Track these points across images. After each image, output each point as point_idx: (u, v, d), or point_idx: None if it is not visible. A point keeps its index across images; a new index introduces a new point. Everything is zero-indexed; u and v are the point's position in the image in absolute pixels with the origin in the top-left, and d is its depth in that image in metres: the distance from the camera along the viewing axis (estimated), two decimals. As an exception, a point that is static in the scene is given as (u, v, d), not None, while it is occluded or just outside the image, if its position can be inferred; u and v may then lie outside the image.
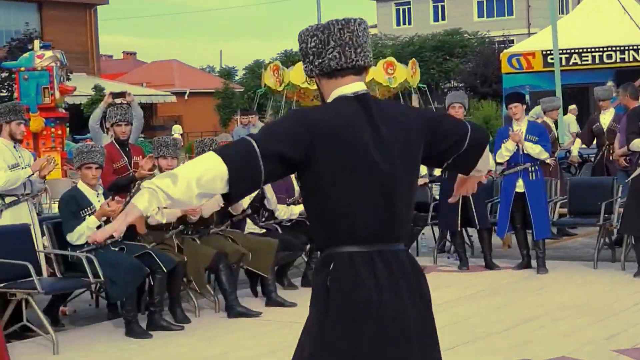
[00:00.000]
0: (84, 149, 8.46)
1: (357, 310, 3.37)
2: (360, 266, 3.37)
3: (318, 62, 3.46)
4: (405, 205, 3.44)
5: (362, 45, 3.45)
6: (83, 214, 8.20)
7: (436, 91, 45.46)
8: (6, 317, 7.84)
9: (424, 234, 12.33)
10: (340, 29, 3.43)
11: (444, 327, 7.88)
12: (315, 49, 3.45)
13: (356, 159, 3.34)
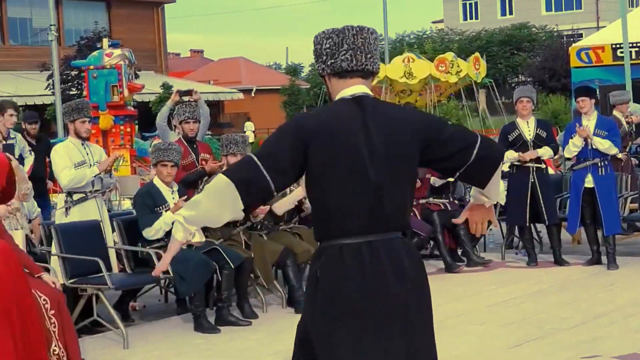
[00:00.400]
0: (161, 146, 8.54)
1: (339, 302, 3.58)
2: (348, 257, 3.59)
3: (330, 62, 3.70)
4: (395, 201, 3.63)
5: (372, 52, 3.70)
6: (159, 211, 8.30)
7: (504, 86, 45.08)
8: (77, 312, 7.94)
9: (491, 230, 12.24)
10: (355, 34, 3.68)
11: (512, 323, 7.87)
12: (330, 50, 3.70)
13: (345, 158, 3.58)
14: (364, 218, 3.59)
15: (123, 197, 16.98)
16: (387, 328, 3.61)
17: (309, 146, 3.58)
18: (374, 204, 3.59)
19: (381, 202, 3.60)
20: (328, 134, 3.59)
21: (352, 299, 3.58)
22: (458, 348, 7.13)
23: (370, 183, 3.58)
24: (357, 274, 3.59)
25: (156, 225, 8.23)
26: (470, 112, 27.98)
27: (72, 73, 32.58)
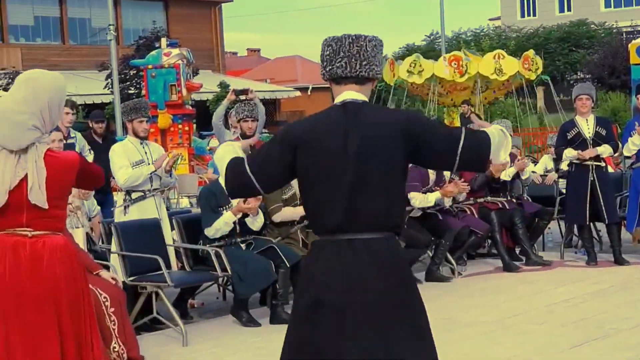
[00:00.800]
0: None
1: (308, 295, 3.78)
2: (326, 253, 3.78)
3: (329, 68, 3.90)
4: (375, 202, 3.76)
5: (369, 59, 3.86)
6: (221, 210, 8.35)
7: (562, 83, 44.62)
8: (137, 310, 8.03)
9: (550, 229, 12.13)
10: (350, 42, 3.87)
11: (571, 323, 7.79)
12: (329, 57, 3.90)
13: (324, 162, 3.78)
14: (341, 218, 3.75)
15: (181, 195, 17.14)
16: (351, 325, 3.70)
17: (296, 151, 3.83)
18: (350, 205, 3.75)
19: (357, 203, 3.75)
20: (311, 140, 3.82)
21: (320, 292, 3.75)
22: (517, 348, 7.08)
23: (346, 185, 3.74)
24: (329, 269, 3.75)
25: (215, 224, 8.28)
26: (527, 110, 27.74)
27: (130, 72, 32.89)
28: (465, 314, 8.44)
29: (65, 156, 4.61)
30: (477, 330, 7.74)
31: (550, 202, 11.62)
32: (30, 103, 4.45)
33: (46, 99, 4.46)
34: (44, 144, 4.52)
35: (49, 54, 38.02)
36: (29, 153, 4.44)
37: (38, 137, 4.47)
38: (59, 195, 4.54)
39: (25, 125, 4.43)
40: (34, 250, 4.45)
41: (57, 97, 4.53)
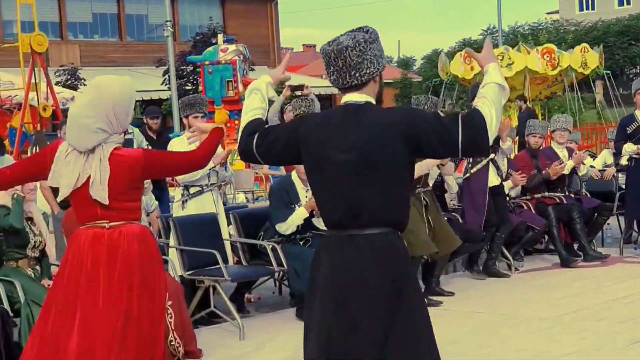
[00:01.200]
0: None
1: (316, 287, 3.93)
2: (329, 247, 3.91)
3: (330, 79, 4.03)
4: (373, 199, 3.85)
5: (357, 67, 3.90)
6: (293, 207, 8.37)
7: (621, 77, 44.04)
8: (194, 304, 8.09)
9: (609, 224, 12.00)
10: (335, 57, 3.92)
11: (630, 319, 7.71)
12: (325, 68, 4.01)
13: (325, 162, 3.92)
14: (342, 214, 3.88)
15: (237, 190, 17.23)
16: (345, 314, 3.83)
17: (300, 148, 4.01)
18: (350, 203, 3.87)
19: (358, 201, 3.86)
20: (314, 141, 3.96)
21: (321, 284, 3.91)
22: (575, 344, 7.02)
23: (346, 184, 3.87)
24: (331, 262, 3.89)
25: (290, 220, 8.28)
26: (586, 104, 27.47)
27: (187, 68, 33.10)
28: (522, 310, 8.39)
29: (129, 154, 4.82)
30: (535, 326, 7.69)
31: (609, 198, 11.48)
32: (95, 107, 4.73)
33: (111, 104, 4.74)
34: (112, 143, 4.76)
35: (107, 51, 38.44)
36: (96, 152, 4.74)
37: (104, 138, 4.74)
38: (126, 190, 4.79)
39: (91, 128, 4.72)
40: (111, 240, 4.75)
41: (122, 102, 4.79)
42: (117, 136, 4.83)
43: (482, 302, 8.78)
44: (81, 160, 4.77)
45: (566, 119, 11.34)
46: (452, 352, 6.97)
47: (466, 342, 7.26)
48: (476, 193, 9.74)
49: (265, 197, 17.52)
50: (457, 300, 8.94)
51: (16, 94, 18.94)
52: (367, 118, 3.90)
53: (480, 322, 7.95)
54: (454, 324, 7.92)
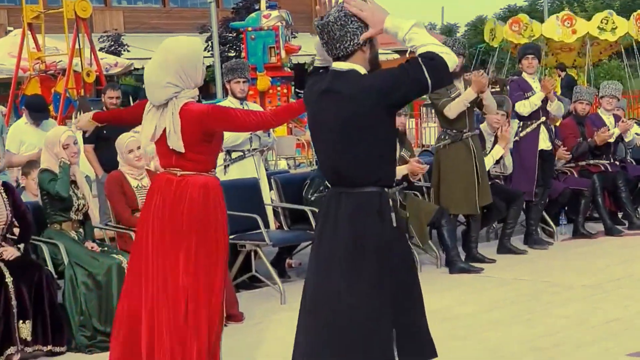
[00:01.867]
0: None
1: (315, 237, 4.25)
2: (331, 202, 4.13)
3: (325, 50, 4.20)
4: (353, 158, 4.05)
5: (341, 39, 4.07)
6: None
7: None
8: (236, 268, 8.13)
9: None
10: (321, 32, 4.12)
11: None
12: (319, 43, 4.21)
13: (314, 122, 4.22)
14: (332, 175, 4.17)
15: (279, 157, 17.25)
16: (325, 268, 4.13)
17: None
18: (331, 161, 4.14)
19: (337, 158, 4.10)
20: (309, 102, 4.27)
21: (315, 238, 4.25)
22: (618, 312, 6.97)
23: (330, 147, 4.12)
24: (321, 216, 4.19)
25: None
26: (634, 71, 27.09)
27: (230, 35, 33.08)
28: (565, 277, 8.34)
29: (198, 108, 5.20)
30: (578, 294, 7.64)
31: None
32: (163, 67, 5.17)
33: (178, 63, 5.14)
34: (183, 98, 5.16)
35: (150, 17, 38.48)
36: (169, 106, 5.16)
37: (176, 92, 5.15)
38: (196, 142, 5.13)
39: (161, 84, 5.14)
40: (179, 186, 5.16)
41: (188, 60, 5.20)
42: (189, 91, 5.20)
43: (524, 270, 8.74)
44: (157, 115, 5.21)
45: (616, 86, 11.20)
46: (493, 319, 6.97)
47: (508, 309, 7.24)
48: (526, 157, 9.61)
49: (306, 164, 17.53)
50: (499, 267, 8.90)
51: (60, 60, 19.04)
52: (347, 86, 4.06)
53: (522, 289, 7.91)
54: (496, 291, 7.89)
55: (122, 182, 7.30)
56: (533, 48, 10.04)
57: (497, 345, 6.22)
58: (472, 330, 6.63)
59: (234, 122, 5.31)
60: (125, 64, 25.98)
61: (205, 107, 5.27)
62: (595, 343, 6.17)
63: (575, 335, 6.38)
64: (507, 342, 6.28)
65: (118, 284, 6.59)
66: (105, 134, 9.50)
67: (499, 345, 6.23)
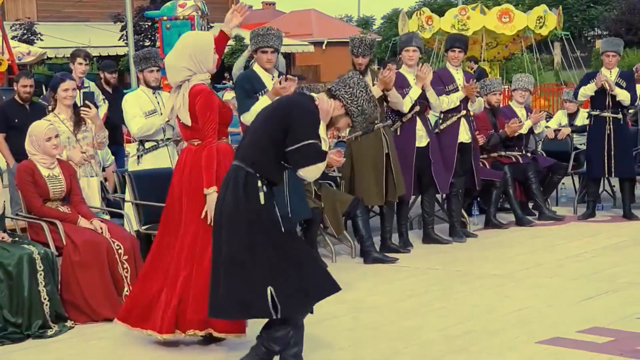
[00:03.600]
0: (260, 32, 8.39)
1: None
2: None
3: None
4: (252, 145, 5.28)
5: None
6: (257, 95, 8.04)
7: (579, 39, 44.27)
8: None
9: (564, 184, 12.11)
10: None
11: (583, 276, 7.81)
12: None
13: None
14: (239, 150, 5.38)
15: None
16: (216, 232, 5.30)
17: None
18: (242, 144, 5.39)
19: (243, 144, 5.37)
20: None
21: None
22: (528, 300, 7.10)
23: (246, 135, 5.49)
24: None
25: (253, 109, 7.85)
26: (544, 65, 27.58)
27: (145, 24, 32.77)
28: (477, 267, 8.46)
29: (196, 88, 6.08)
30: (489, 283, 7.77)
31: (565, 158, 11.59)
32: (179, 54, 6.14)
33: (189, 52, 6.09)
34: (195, 81, 6.08)
35: (64, 5, 37.89)
36: (182, 87, 6.12)
37: (189, 75, 6.10)
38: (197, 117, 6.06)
39: (176, 67, 6.12)
40: (195, 154, 6.07)
41: (200, 49, 6.12)
42: (201, 75, 6.10)
43: (437, 260, 8.85)
44: (175, 95, 6.18)
45: (528, 79, 11.42)
46: (406, 308, 7.05)
47: (421, 299, 7.33)
48: (446, 149, 9.69)
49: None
50: (413, 257, 9.00)
51: (-29, 48, 18.65)
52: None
53: (435, 279, 8.02)
54: (409, 280, 7.98)
55: (34, 171, 7.18)
56: (460, 40, 10.11)
57: (410, 334, 6.29)
58: (385, 319, 6.69)
59: (203, 117, 6.05)
60: (39, 53, 25.58)
61: (201, 90, 6.08)
62: (505, 331, 6.28)
63: (485, 324, 6.49)
64: (420, 331, 6.36)
65: (29, 274, 6.51)
66: (17, 123, 9.36)
67: (411, 334, 6.31)
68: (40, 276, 6.60)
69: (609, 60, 10.62)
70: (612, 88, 10.41)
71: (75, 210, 7.22)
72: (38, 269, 6.60)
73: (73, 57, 10.67)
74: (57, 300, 6.71)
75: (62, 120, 7.74)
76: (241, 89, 8.13)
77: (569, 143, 12.15)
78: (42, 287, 6.60)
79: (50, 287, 6.64)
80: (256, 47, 8.20)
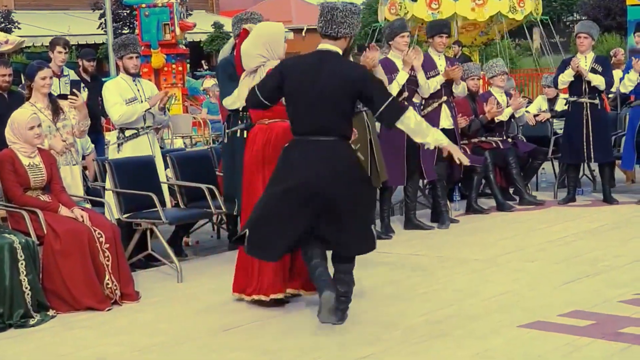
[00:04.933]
0: (243, 16, 8.36)
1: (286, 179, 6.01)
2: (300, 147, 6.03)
3: (317, 25, 6.11)
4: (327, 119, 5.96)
5: (340, 23, 6.02)
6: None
7: (558, 24, 44.38)
8: (132, 247, 8.05)
9: (544, 169, 12.16)
10: (327, 11, 6.04)
11: (564, 260, 7.85)
12: (319, 18, 6.08)
13: (297, 89, 6.01)
14: (304, 126, 6.01)
15: (175, 135, 17.12)
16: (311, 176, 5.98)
17: (283, 77, 6.08)
18: (310, 118, 5.98)
19: (316, 117, 5.96)
20: (293, 72, 6.07)
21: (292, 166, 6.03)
22: (510, 284, 7.13)
23: (308, 106, 5.96)
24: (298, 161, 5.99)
25: (235, 92, 7.79)
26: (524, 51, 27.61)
27: (124, 12, 32.62)
28: (458, 251, 8.49)
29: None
30: (470, 267, 7.79)
31: (544, 143, 11.63)
32: (254, 42, 6.82)
33: (262, 41, 6.78)
34: (268, 66, 6.59)
35: (42, -6, 37.66)
36: (257, 72, 6.76)
37: (263, 62, 6.76)
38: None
39: (252, 54, 6.80)
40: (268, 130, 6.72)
41: (273, 38, 6.80)
42: (273, 61, 6.64)
43: (419, 245, 8.87)
44: (250, 79, 6.79)
45: (502, 63, 11.45)
46: (388, 293, 7.06)
47: (403, 284, 7.34)
48: None
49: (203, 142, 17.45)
50: (395, 243, 9.02)
51: (-52, 37, 18.53)
52: (330, 66, 5.96)
53: (417, 265, 8.03)
54: (392, 266, 7.99)
55: (14, 160, 7.14)
56: (447, 26, 10.12)
57: (393, 320, 6.30)
58: (368, 305, 6.70)
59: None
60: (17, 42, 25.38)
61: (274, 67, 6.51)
62: (487, 315, 6.31)
63: (467, 308, 6.51)
64: (403, 317, 6.37)
65: (10, 263, 6.49)
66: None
67: (394, 319, 6.31)
68: (21, 265, 6.58)
69: (580, 42, 10.64)
70: (584, 74, 10.45)
71: (56, 199, 7.19)
72: (19, 258, 6.57)
73: (52, 46, 10.62)
74: (38, 289, 6.68)
75: (39, 109, 7.68)
76: (224, 73, 8.12)
77: (549, 128, 12.19)
78: (24, 276, 6.58)
79: (31, 276, 6.61)
80: (240, 31, 8.15)
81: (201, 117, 18.50)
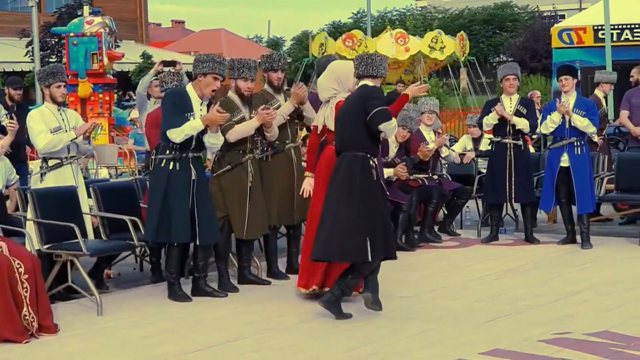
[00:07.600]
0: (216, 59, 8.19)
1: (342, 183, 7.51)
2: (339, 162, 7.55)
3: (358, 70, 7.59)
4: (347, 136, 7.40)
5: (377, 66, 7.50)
6: (187, 116, 7.95)
7: (485, 65, 45.06)
8: (52, 278, 7.90)
9: (468, 207, 12.27)
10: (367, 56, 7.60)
11: (486, 299, 7.91)
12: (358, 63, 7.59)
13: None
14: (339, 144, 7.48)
15: (100, 165, 16.93)
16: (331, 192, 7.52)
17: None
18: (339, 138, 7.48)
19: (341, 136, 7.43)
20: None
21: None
22: (433, 322, 7.16)
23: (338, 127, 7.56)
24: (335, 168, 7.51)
25: (184, 127, 7.83)
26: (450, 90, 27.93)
27: (52, 40, 32.33)
28: (383, 288, 8.47)
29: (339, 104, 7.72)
30: (394, 305, 7.79)
31: (469, 181, 11.74)
32: (328, 76, 7.98)
33: (335, 76, 7.91)
34: (340, 97, 7.77)
35: (-32, 19, 37.18)
36: (330, 102, 7.91)
37: (334, 94, 7.87)
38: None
39: (325, 87, 7.95)
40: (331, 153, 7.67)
41: (343, 73, 7.87)
42: (344, 93, 7.74)
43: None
44: (324, 108, 7.95)
45: (434, 102, 11.57)
46: (313, 329, 7.04)
47: (328, 320, 7.32)
48: None
49: (128, 173, 17.27)
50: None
51: None
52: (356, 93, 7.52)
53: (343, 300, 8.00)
54: (313, 302, 7.96)
55: None
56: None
57: (316, 356, 6.27)
58: (292, 341, 6.67)
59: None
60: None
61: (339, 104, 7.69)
62: (410, 352, 6.32)
63: (391, 345, 6.51)
64: (326, 352, 6.35)
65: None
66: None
67: (317, 355, 6.29)
68: (-63, 296, 6.42)
69: (509, 84, 10.82)
70: (508, 118, 10.62)
71: (-26, 228, 7.05)
72: None
73: None
74: (-46, 320, 6.52)
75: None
76: (172, 104, 8.01)
77: (474, 166, 12.32)
78: (-61, 306, 6.42)
79: (-53, 307, 6.45)
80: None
81: (127, 147, 18.32)
